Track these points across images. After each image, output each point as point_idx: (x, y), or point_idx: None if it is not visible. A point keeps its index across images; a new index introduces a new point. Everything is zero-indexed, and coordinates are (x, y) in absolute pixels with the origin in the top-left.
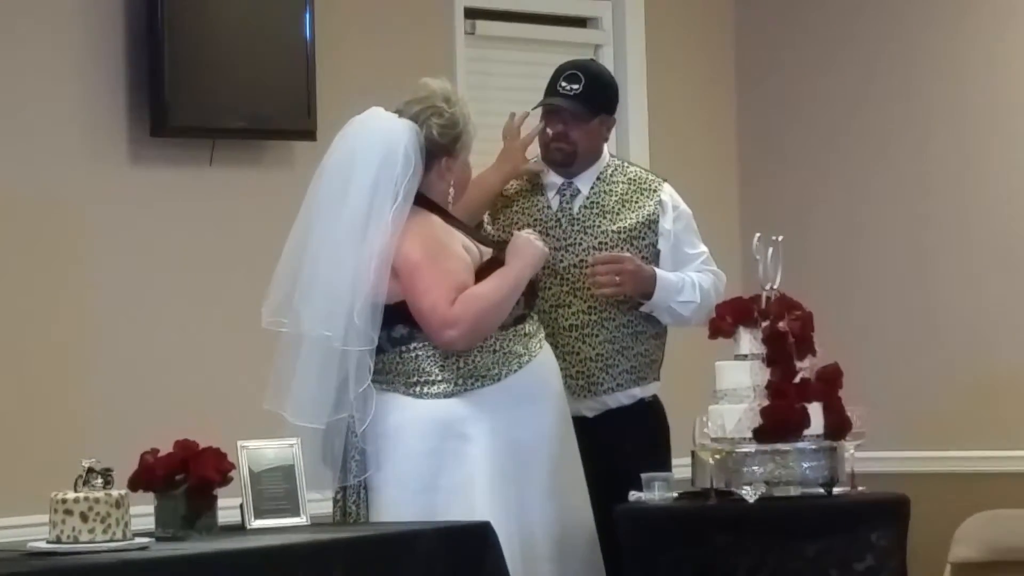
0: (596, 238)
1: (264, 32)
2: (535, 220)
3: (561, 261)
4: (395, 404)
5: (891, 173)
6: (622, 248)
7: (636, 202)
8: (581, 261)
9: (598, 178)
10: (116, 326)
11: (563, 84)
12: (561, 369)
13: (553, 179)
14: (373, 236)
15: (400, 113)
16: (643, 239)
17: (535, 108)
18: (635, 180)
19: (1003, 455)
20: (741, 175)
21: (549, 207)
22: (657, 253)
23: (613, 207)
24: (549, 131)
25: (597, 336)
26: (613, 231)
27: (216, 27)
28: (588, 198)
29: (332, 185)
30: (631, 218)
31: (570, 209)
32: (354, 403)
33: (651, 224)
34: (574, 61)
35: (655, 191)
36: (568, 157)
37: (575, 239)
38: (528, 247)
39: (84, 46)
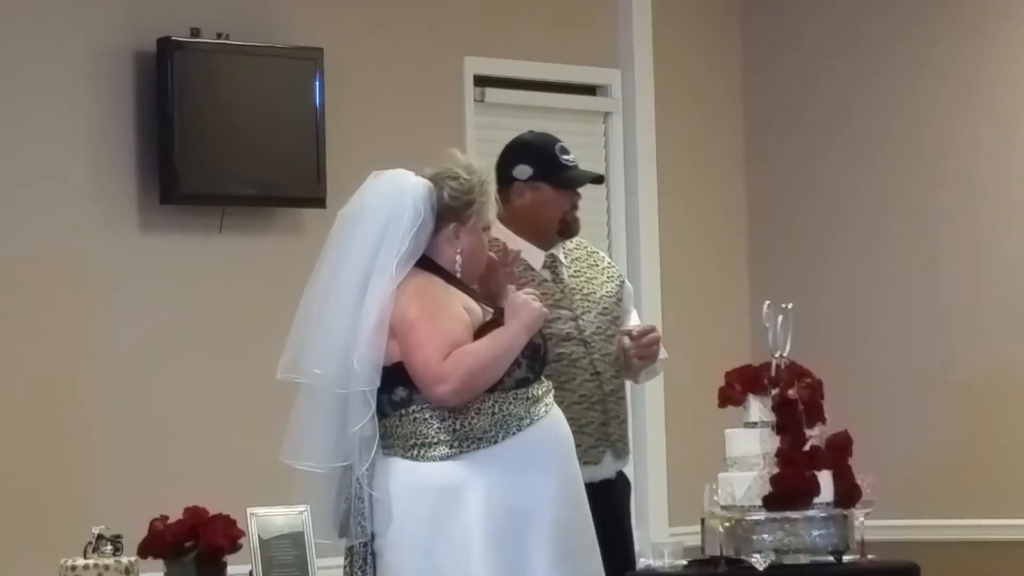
0: (598, 304)
1: (274, 100)
2: (545, 293)
3: (584, 329)
4: (395, 468)
5: (900, 241)
6: (613, 310)
7: (593, 263)
8: (597, 328)
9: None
10: (126, 392)
11: (570, 157)
12: (613, 431)
13: (535, 253)
14: (376, 286)
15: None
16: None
17: (590, 181)
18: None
19: (1013, 523)
20: (750, 242)
21: (546, 280)
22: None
23: (584, 271)
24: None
25: (625, 397)
26: (603, 296)
27: (226, 95)
28: (567, 266)
29: (342, 236)
30: (601, 279)
31: (561, 278)
32: (354, 441)
33: (621, 284)
34: (549, 135)
35: (591, 251)
36: None
37: (578, 306)
38: (525, 308)
39: (95, 114)
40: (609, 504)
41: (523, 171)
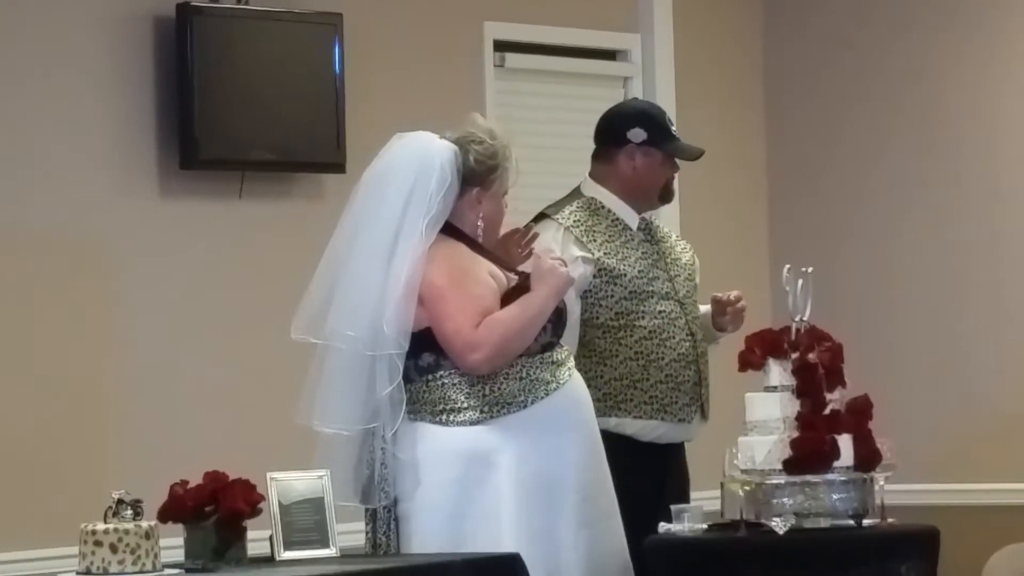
0: (685, 269)
1: (293, 65)
2: (644, 254)
3: (678, 290)
4: (422, 433)
5: (921, 205)
6: (694, 276)
7: (667, 234)
8: (687, 291)
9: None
10: (145, 358)
11: (675, 128)
12: (703, 392)
13: (631, 215)
14: (404, 248)
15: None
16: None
17: (696, 157)
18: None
19: None
20: (770, 207)
21: (644, 240)
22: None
23: (666, 239)
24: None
25: (708, 362)
26: (686, 263)
27: (245, 60)
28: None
29: (368, 196)
30: (679, 249)
31: (657, 239)
32: (382, 404)
33: (694, 256)
34: (656, 104)
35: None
36: None
37: (671, 267)
38: (552, 273)
39: (114, 80)
40: (683, 468)
41: (638, 134)
